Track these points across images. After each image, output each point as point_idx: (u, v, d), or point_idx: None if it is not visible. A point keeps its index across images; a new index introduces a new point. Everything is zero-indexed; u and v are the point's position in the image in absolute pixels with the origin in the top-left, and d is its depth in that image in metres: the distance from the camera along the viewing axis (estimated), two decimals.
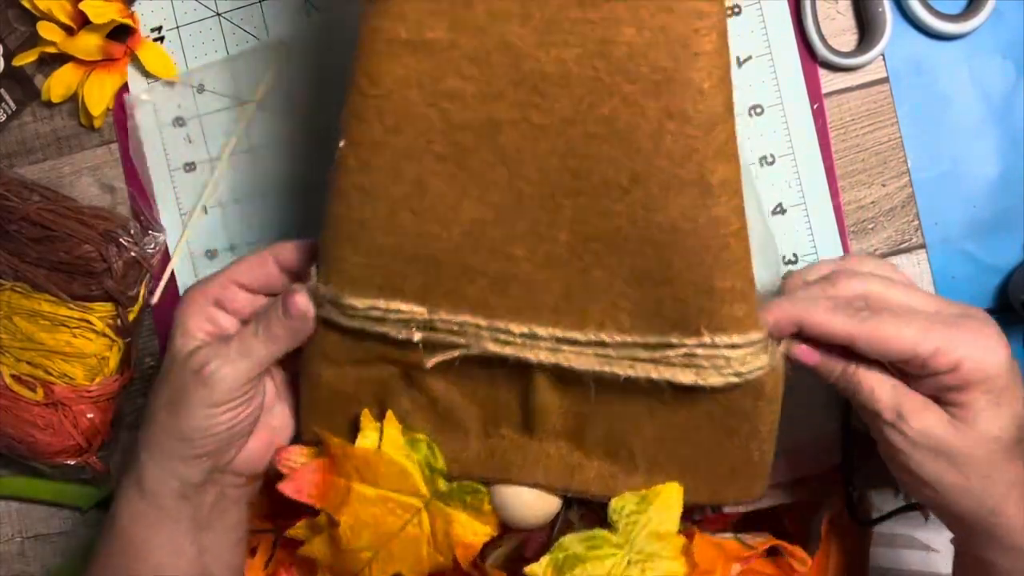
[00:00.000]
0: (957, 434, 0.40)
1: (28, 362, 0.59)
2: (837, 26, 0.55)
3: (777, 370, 0.42)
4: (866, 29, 0.54)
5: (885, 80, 0.54)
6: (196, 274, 0.60)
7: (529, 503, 0.45)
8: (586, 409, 0.44)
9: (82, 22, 0.57)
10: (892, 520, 0.51)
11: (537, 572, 0.43)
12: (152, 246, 0.59)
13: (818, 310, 0.41)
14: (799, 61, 0.54)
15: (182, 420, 0.44)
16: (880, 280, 0.42)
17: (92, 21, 0.56)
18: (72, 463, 0.60)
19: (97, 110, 0.59)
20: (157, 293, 0.60)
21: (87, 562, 0.48)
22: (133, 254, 0.58)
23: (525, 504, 0.45)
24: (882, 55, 0.54)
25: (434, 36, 0.38)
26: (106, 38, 0.57)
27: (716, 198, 0.38)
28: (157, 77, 0.59)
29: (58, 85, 0.59)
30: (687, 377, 0.41)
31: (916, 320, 0.40)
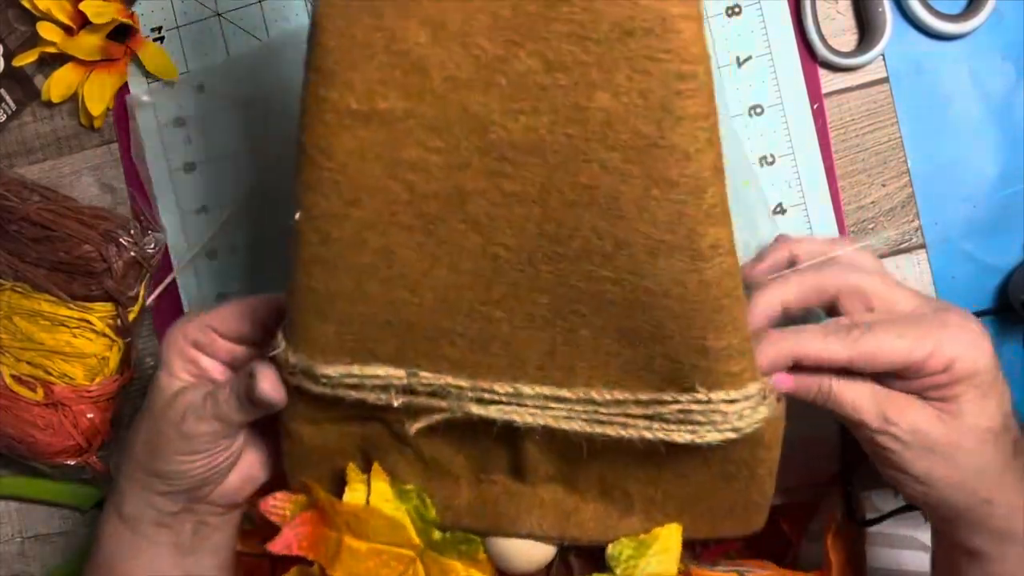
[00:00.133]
0: (946, 428, 0.40)
1: (28, 362, 0.59)
2: (837, 26, 0.55)
3: (776, 419, 0.40)
4: (866, 29, 0.54)
5: (885, 80, 0.54)
6: (196, 275, 0.60)
7: (524, 551, 0.44)
8: (579, 457, 0.42)
9: (82, 22, 0.57)
10: (892, 520, 0.51)
11: None
12: (152, 246, 0.59)
13: (812, 340, 0.40)
14: (799, 61, 0.54)
15: (158, 462, 0.44)
16: (859, 274, 0.42)
17: (92, 21, 0.56)
18: (72, 463, 0.60)
19: (97, 110, 0.59)
20: (155, 294, 0.60)
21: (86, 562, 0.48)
22: (133, 254, 0.58)
23: (520, 553, 0.44)
24: (882, 55, 0.54)
25: (387, 106, 0.35)
26: (106, 38, 0.57)
27: (708, 261, 0.36)
28: (157, 77, 0.59)
29: (58, 85, 0.59)
30: (683, 437, 0.39)
31: (907, 327, 0.40)
